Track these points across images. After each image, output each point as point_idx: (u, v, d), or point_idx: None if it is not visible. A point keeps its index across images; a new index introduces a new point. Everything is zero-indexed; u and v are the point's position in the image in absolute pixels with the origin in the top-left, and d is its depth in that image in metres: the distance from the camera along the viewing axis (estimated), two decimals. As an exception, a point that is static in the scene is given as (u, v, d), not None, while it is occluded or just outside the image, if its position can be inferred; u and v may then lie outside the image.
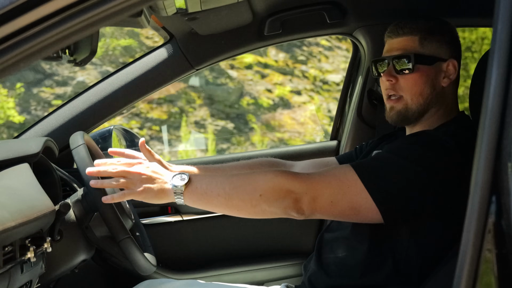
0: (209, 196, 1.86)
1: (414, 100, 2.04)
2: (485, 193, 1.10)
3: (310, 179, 1.84)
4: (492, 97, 1.11)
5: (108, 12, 1.22)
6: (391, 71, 2.06)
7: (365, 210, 1.81)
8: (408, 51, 2.04)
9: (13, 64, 1.19)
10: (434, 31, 2.05)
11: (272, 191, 1.82)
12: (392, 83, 2.06)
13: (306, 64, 10.40)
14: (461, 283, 1.12)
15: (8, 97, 8.76)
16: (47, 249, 1.86)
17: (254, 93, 9.85)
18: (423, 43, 2.04)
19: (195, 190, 1.87)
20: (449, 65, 2.04)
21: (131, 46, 9.59)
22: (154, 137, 9.14)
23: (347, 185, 1.82)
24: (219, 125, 9.40)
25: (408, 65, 2.02)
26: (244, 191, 1.84)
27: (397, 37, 2.08)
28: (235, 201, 1.85)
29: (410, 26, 2.06)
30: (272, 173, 1.86)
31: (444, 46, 2.05)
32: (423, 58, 2.02)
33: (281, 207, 1.81)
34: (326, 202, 1.81)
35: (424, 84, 2.03)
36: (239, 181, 1.88)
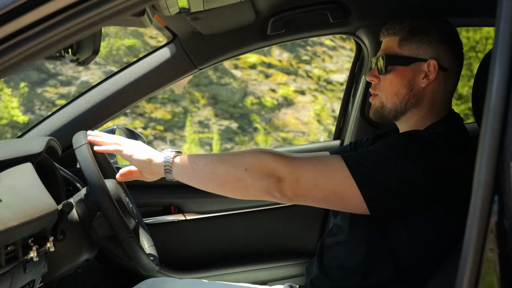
0: (196, 167, 1.89)
1: (389, 99, 2.07)
2: (487, 192, 1.10)
3: (295, 161, 1.85)
4: (495, 96, 1.11)
5: (110, 11, 1.22)
6: (374, 71, 2.11)
7: (349, 197, 1.81)
8: (386, 52, 2.08)
9: (15, 63, 1.20)
10: (415, 32, 2.05)
11: (257, 167, 1.82)
12: (375, 83, 2.11)
13: (310, 64, 10.40)
14: (463, 283, 1.12)
15: (12, 97, 8.78)
16: (50, 249, 1.86)
17: (258, 93, 9.85)
18: (402, 44, 2.06)
19: (183, 162, 1.91)
20: (429, 65, 2.03)
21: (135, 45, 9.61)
22: (158, 136, 9.15)
23: (332, 170, 1.82)
24: (223, 125, 9.41)
25: (384, 65, 2.06)
26: (230, 164, 1.85)
27: (384, 38, 2.13)
28: (220, 173, 1.86)
29: (393, 27, 2.08)
30: (261, 152, 1.88)
31: (425, 46, 2.04)
32: (398, 59, 2.04)
33: (264, 184, 1.81)
34: (309, 184, 1.81)
35: (400, 85, 2.05)
36: (227, 155, 1.90)
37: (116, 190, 2.16)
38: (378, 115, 2.11)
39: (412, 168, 1.80)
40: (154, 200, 2.80)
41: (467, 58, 9.39)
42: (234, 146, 9.36)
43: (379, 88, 2.09)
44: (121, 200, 2.16)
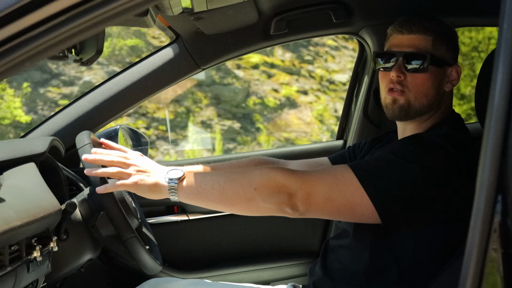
0: (204, 190, 1.86)
1: (418, 99, 2.01)
2: (491, 192, 1.10)
3: (305, 175, 1.84)
4: (498, 96, 1.11)
5: (114, 11, 1.22)
6: (401, 67, 2.02)
7: (361, 208, 1.80)
8: (422, 50, 2.01)
9: (19, 63, 1.20)
10: (445, 34, 2.04)
11: (267, 185, 1.81)
12: (400, 79, 2.02)
13: (312, 64, 10.39)
14: (466, 283, 1.12)
15: (15, 97, 8.78)
16: (53, 248, 1.87)
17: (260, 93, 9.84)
18: (435, 45, 2.02)
19: (189, 185, 1.87)
20: (453, 70, 2.03)
21: (137, 46, 9.60)
22: (161, 137, 9.14)
23: (343, 183, 1.81)
24: (225, 125, 9.40)
25: (422, 64, 1.99)
26: (239, 185, 1.84)
27: (410, 34, 2.04)
28: (229, 195, 1.84)
29: (424, 25, 2.03)
30: (268, 169, 1.86)
31: (451, 51, 2.05)
32: (436, 60, 2.01)
33: (275, 202, 1.80)
34: (321, 199, 1.80)
35: (431, 86, 2.01)
36: (234, 175, 1.88)
37: (119, 190, 2.16)
38: (403, 112, 2.03)
39: (422, 172, 1.80)
40: (157, 200, 2.79)
41: (470, 58, 9.38)
42: (236, 146, 9.35)
43: (406, 85, 2.02)
44: (124, 200, 2.16)
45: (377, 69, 2.10)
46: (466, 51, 9.35)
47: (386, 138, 2.27)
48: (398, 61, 2.02)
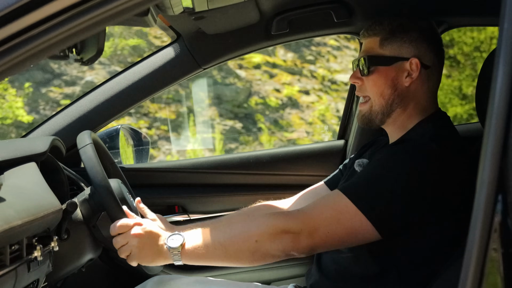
0: (207, 252, 1.87)
1: (376, 101, 2.05)
2: (491, 192, 1.10)
3: (302, 215, 1.84)
4: (498, 95, 1.10)
5: (114, 10, 1.22)
6: (357, 73, 2.09)
7: (363, 231, 1.80)
8: (367, 53, 2.06)
9: (20, 62, 1.20)
10: (395, 31, 2.05)
11: (267, 234, 1.81)
12: (359, 85, 2.09)
13: (314, 64, 10.39)
14: (466, 283, 1.12)
15: (16, 97, 8.79)
16: (54, 248, 1.86)
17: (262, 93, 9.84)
18: (383, 44, 2.05)
19: (191, 249, 1.88)
20: (411, 63, 2.03)
21: (139, 45, 9.61)
22: (162, 136, 9.15)
23: (339, 212, 1.81)
24: (227, 125, 9.40)
25: (366, 66, 2.05)
26: (240, 240, 1.84)
27: (364, 39, 2.12)
28: (232, 252, 1.85)
29: (373, 28, 2.08)
30: (263, 217, 1.86)
31: (406, 45, 2.04)
32: (380, 59, 2.04)
33: (279, 249, 1.80)
34: (323, 234, 1.80)
35: (384, 85, 2.04)
36: (232, 230, 1.88)
37: (120, 190, 2.16)
38: (366, 120, 2.09)
39: (415, 181, 1.81)
40: (158, 200, 2.80)
41: (472, 58, 9.37)
42: (238, 146, 9.35)
43: (365, 89, 2.08)
44: (125, 199, 2.16)
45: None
46: (468, 51, 9.35)
47: (375, 144, 2.28)
48: (356, 68, 2.10)
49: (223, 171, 2.87)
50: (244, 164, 2.88)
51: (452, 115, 9.00)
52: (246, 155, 2.93)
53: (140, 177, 2.79)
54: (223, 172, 2.87)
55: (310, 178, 2.89)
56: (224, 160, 2.92)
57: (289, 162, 2.90)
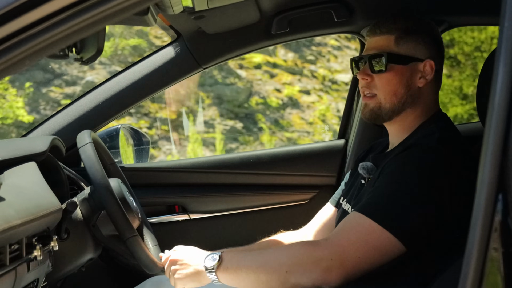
0: (240, 276, 1.89)
1: (387, 99, 2.03)
2: (492, 191, 1.09)
3: (330, 244, 1.81)
4: (499, 95, 1.10)
5: (113, 9, 1.22)
6: (367, 70, 2.06)
7: (391, 248, 1.78)
8: (382, 50, 2.03)
9: (18, 61, 1.19)
10: (411, 31, 2.04)
11: (297, 265, 1.80)
12: (367, 82, 2.06)
13: (315, 64, 10.40)
14: (466, 282, 1.12)
15: (17, 97, 8.80)
16: (54, 248, 1.86)
17: (263, 93, 9.85)
18: (399, 43, 2.03)
19: (226, 270, 1.90)
20: (426, 65, 2.03)
21: (140, 45, 9.62)
22: (163, 136, 9.15)
23: (366, 233, 1.78)
24: (228, 125, 9.41)
25: (381, 64, 2.02)
26: (271, 269, 1.84)
27: (374, 36, 2.08)
28: (264, 279, 1.85)
29: (387, 25, 2.05)
30: (294, 247, 1.86)
31: (421, 46, 2.04)
32: (397, 58, 2.02)
33: (310, 280, 1.79)
34: (354, 260, 1.77)
35: (398, 84, 2.02)
36: (265, 258, 1.88)
37: (120, 189, 2.16)
38: (374, 115, 2.07)
39: (427, 188, 1.80)
40: (158, 200, 2.80)
41: (472, 58, 9.37)
42: (239, 146, 9.36)
43: (375, 87, 2.05)
44: (125, 199, 2.16)
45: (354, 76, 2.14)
46: (468, 51, 9.35)
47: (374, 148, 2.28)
48: (365, 65, 2.06)
49: (224, 170, 2.87)
50: (244, 164, 2.88)
51: (453, 115, 9.01)
52: (247, 154, 2.92)
53: (140, 177, 2.79)
54: (224, 171, 2.87)
55: (310, 177, 2.90)
56: (225, 160, 2.92)
57: (289, 162, 2.89)
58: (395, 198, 1.82)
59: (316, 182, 2.90)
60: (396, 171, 1.89)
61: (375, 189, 1.91)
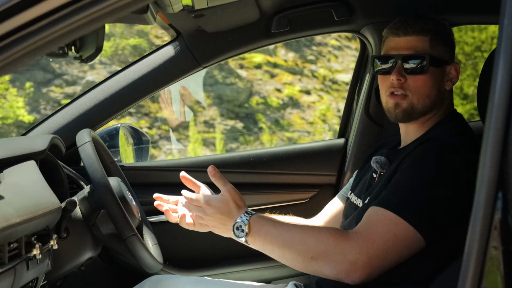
0: (266, 248, 1.91)
1: (420, 101, 2.01)
2: (491, 189, 1.09)
3: (360, 237, 1.79)
4: (499, 93, 1.10)
5: (112, 7, 1.21)
6: (401, 70, 2.01)
7: (415, 242, 1.78)
8: (420, 52, 2.00)
9: (17, 59, 1.19)
10: (441, 33, 2.04)
11: (323, 254, 1.80)
12: (401, 82, 2.01)
13: (315, 64, 10.39)
14: (466, 281, 1.11)
15: (17, 97, 8.80)
16: (53, 246, 1.86)
17: (263, 93, 9.85)
18: (433, 45, 2.01)
19: (253, 241, 1.91)
20: (451, 68, 2.03)
21: (140, 45, 9.61)
22: (163, 136, 9.15)
23: (393, 226, 1.78)
24: (228, 125, 9.40)
25: (421, 66, 1.99)
26: (296, 251, 1.84)
27: (406, 36, 2.04)
28: (288, 257, 1.86)
29: (419, 25, 2.02)
30: (324, 234, 1.84)
31: (449, 49, 2.05)
32: (435, 60, 2.00)
33: (333, 272, 1.78)
34: (382, 253, 1.76)
35: (432, 87, 2.01)
36: (292, 237, 1.86)
37: (120, 188, 2.16)
38: (407, 116, 2.03)
39: (447, 182, 1.81)
40: (159, 199, 2.79)
41: (473, 58, 9.36)
42: (239, 145, 9.36)
43: (408, 88, 2.02)
44: (125, 198, 2.16)
45: (376, 73, 2.10)
46: (469, 51, 9.35)
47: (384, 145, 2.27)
48: (397, 64, 2.02)
49: (224, 169, 2.86)
50: (244, 163, 2.87)
51: (453, 114, 8.99)
52: (247, 153, 2.92)
53: (139, 176, 2.79)
54: (224, 170, 2.85)
55: (310, 176, 2.89)
56: (225, 159, 2.91)
57: (289, 161, 2.89)
58: (417, 193, 1.81)
59: (316, 181, 2.90)
60: (415, 166, 1.88)
61: (396, 184, 1.89)
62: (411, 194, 1.82)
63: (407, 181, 1.86)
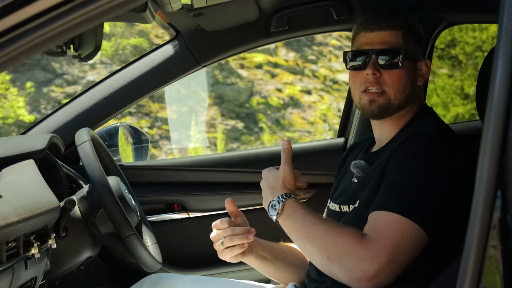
0: (292, 234, 1.92)
1: (397, 96, 1.99)
2: (490, 188, 1.09)
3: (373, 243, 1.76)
4: (498, 91, 1.09)
5: (109, 5, 1.21)
6: (376, 64, 1.99)
7: (420, 240, 1.77)
8: (394, 46, 2.00)
9: (14, 57, 1.19)
10: (413, 29, 2.03)
11: (338, 257, 1.78)
12: (376, 77, 1.99)
13: (316, 64, 10.39)
14: (465, 280, 1.11)
15: (18, 96, 8.80)
16: (52, 246, 1.86)
17: (264, 93, 9.85)
18: (406, 39, 2.01)
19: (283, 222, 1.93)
20: (422, 64, 2.03)
21: (141, 45, 9.61)
22: (164, 136, 9.15)
23: (400, 227, 1.76)
24: (229, 125, 9.41)
25: (396, 60, 1.98)
26: (315, 247, 1.84)
27: (379, 31, 2.02)
28: (309, 250, 1.87)
29: (392, 20, 2.02)
30: (343, 235, 1.81)
31: (420, 44, 2.04)
32: (409, 54, 2.00)
33: (345, 277, 1.77)
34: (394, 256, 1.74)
35: (407, 81, 2.00)
36: (314, 231, 1.86)
37: (119, 187, 2.16)
38: (383, 111, 2.01)
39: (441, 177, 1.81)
40: (157, 198, 2.80)
41: (474, 58, 9.36)
42: (240, 145, 9.36)
43: (384, 83, 2.00)
44: (124, 197, 2.16)
45: (349, 69, 2.08)
46: (470, 51, 9.34)
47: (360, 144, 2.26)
48: (371, 59, 2.00)
49: (223, 169, 2.87)
50: (244, 162, 2.87)
51: (454, 114, 9.00)
52: (246, 153, 2.92)
53: (139, 175, 2.79)
54: (223, 170, 2.87)
55: (309, 176, 2.89)
56: (224, 158, 2.91)
57: (289, 160, 2.88)
58: (414, 190, 1.81)
59: (315, 180, 2.89)
60: (406, 163, 1.86)
61: (392, 185, 1.87)
62: (409, 192, 1.81)
63: (401, 181, 1.85)
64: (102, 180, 2.04)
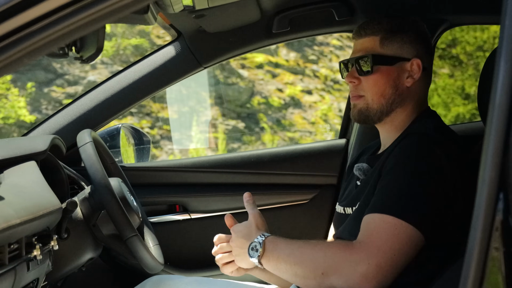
0: (280, 268, 1.89)
1: (375, 100, 2.02)
2: (493, 190, 1.09)
3: (365, 246, 1.78)
4: (500, 93, 1.09)
5: (112, 7, 1.21)
6: (354, 72, 2.05)
7: (416, 240, 1.77)
8: (368, 52, 2.03)
9: (17, 59, 1.19)
10: (395, 31, 2.03)
11: (333, 269, 1.78)
12: (355, 84, 2.05)
13: (317, 64, 10.39)
14: (467, 282, 1.11)
15: (19, 97, 8.80)
16: (54, 247, 1.86)
17: (265, 93, 9.85)
18: (384, 43, 2.02)
19: (268, 261, 1.90)
20: (413, 64, 2.02)
21: (142, 45, 9.62)
22: (165, 136, 9.15)
23: (394, 229, 1.76)
24: (230, 125, 9.41)
25: (367, 66, 2.01)
26: (307, 268, 1.83)
27: (360, 38, 2.07)
28: (301, 275, 1.85)
29: (372, 27, 2.05)
30: (332, 248, 1.83)
31: (407, 45, 2.03)
32: (383, 59, 2.01)
33: (347, 283, 1.76)
34: (390, 257, 1.75)
35: (385, 85, 2.01)
36: (302, 254, 1.86)
37: (121, 189, 2.16)
38: (363, 116, 2.06)
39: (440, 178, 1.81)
40: (159, 199, 2.79)
41: (475, 58, 9.36)
42: (241, 145, 9.36)
43: (362, 89, 2.04)
44: (126, 198, 2.16)
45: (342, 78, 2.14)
46: (471, 51, 9.35)
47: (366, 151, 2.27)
48: (352, 68, 2.06)
49: (224, 170, 2.87)
50: (245, 163, 2.87)
51: (455, 114, 9.00)
52: (247, 154, 2.92)
53: (140, 176, 2.79)
54: (224, 171, 2.87)
55: (311, 177, 2.89)
56: (225, 159, 2.91)
57: (290, 161, 2.89)
58: (407, 191, 1.81)
59: (317, 181, 2.89)
60: (398, 164, 1.87)
61: (385, 187, 1.88)
62: (402, 193, 1.82)
63: (395, 182, 1.86)
64: (104, 181, 2.04)
